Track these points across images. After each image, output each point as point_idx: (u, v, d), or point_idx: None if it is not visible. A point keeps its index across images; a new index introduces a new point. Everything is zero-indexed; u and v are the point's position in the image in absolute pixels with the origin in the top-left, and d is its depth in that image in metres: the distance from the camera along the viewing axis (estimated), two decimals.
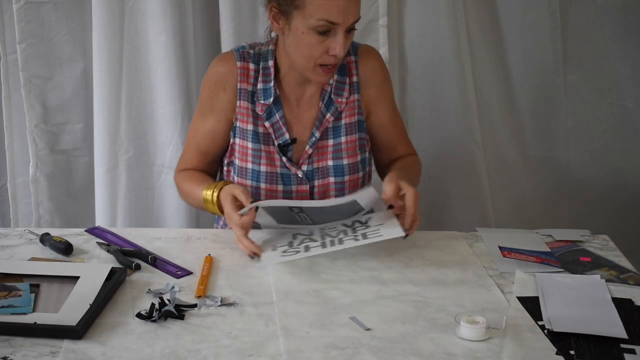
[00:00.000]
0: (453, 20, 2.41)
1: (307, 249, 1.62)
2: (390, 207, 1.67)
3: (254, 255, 1.63)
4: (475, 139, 2.52)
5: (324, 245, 1.61)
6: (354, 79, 1.85)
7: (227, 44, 2.35)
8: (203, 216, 2.49)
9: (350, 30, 1.72)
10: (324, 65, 1.73)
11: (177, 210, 2.46)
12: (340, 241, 1.61)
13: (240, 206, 1.66)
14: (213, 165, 1.93)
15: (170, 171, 2.43)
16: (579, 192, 2.66)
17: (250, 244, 1.63)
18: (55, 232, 1.72)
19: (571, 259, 1.67)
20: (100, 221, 2.43)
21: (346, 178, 1.85)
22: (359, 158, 1.87)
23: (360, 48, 1.88)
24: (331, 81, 1.84)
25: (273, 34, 1.85)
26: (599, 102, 2.58)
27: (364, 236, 1.60)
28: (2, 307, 1.37)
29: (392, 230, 1.60)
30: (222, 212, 1.73)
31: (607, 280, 1.57)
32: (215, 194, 1.74)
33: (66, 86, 2.41)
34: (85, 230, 1.78)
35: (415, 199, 1.64)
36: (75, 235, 1.74)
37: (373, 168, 1.98)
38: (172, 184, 2.42)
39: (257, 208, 1.66)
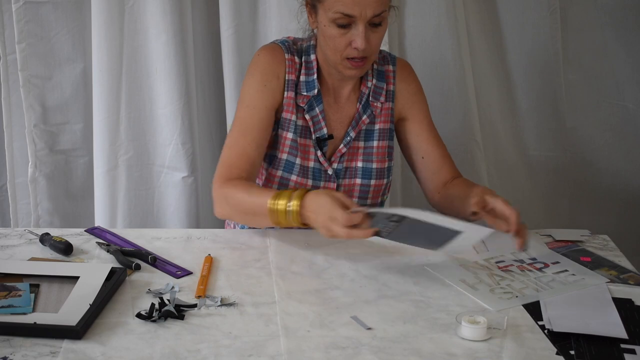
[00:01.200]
0: (453, 20, 2.41)
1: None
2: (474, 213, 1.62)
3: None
4: (475, 139, 2.52)
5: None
6: (391, 87, 1.88)
7: (227, 44, 2.35)
8: (203, 216, 2.49)
9: (376, 24, 1.72)
10: (351, 58, 1.73)
11: (177, 210, 2.46)
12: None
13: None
14: (258, 169, 1.81)
15: (170, 171, 2.43)
16: (579, 192, 2.66)
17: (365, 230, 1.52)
18: (55, 232, 1.71)
19: (571, 259, 1.67)
20: (100, 221, 2.42)
21: (372, 182, 1.86)
22: (386, 165, 1.88)
23: (398, 59, 1.92)
24: (369, 84, 1.86)
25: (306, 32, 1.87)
26: (599, 102, 2.58)
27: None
28: (2, 307, 1.37)
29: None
30: (300, 223, 1.62)
31: (607, 281, 1.57)
32: (296, 202, 1.60)
33: (65, 86, 2.41)
34: (85, 230, 1.78)
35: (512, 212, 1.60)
36: (75, 235, 1.74)
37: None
38: (172, 184, 2.43)
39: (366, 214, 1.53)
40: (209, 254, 1.64)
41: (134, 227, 2.43)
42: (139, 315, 1.39)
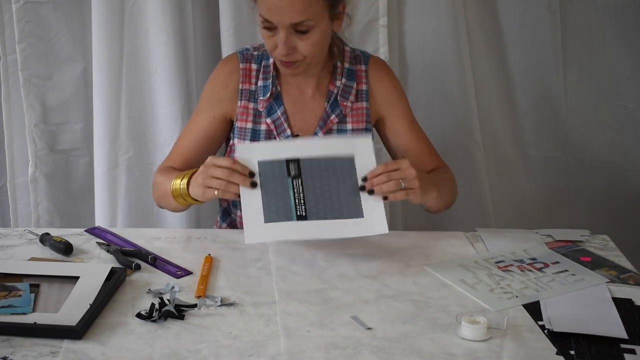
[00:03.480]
0: (453, 20, 2.41)
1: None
2: (371, 192, 1.62)
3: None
4: (475, 139, 2.52)
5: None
6: (363, 87, 1.86)
7: (227, 44, 2.35)
8: (203, 216, 2.49)
9: (303, 31, 1.68)
10: (280, 60, 1.74)
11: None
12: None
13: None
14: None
15: None
16: (579, 192, 2.66)
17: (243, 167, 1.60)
18: (55, 232, 1.71)
19: (571, 259, 1.67)
20: (100, 221, 2.43)
21: None
22: None
23: (371, 58, 1.89)
24: (338, 84, 1.84)
25: None
26: (599, 102, 2.58)
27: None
28: (2, 307, 1.37)
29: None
30: (191, 198, 1.70)
31: (607, 281, 1.57)
32: (188, 174, 1.70)
33: (66, 86, 2.41)
34: (85, 230, 1.78)
35: (394, 163, 1.63)
36: (75, 235, 1.74)
37: None
38: None
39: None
40: (209, 254, 1.64)
41: (134, 227, 2.43)
42: (139, 315, 1.39)
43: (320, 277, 1.57)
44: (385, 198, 1.63)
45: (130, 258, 1.61)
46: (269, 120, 1.82)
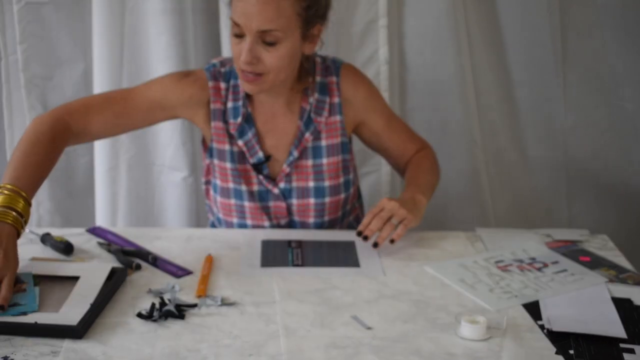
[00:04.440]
0: (453, 20, 2.41)
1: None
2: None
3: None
4: (475, 139, 2.52)
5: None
6: (335, 99, 1.81)
7: (227, 44, 2.35)
8: (203, 216, 2.49)
9: (271, 43, 1.63)
10: (243, 71, 1.67)
11: (177, 209, 2.46)
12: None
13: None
14: (105, 130, 1.75)
15: (171, 171, 2.43)
16: (579, 192, 2.66)
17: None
18: (55, 232, 1.72)
19: (570, 259, 1.67)
20: (101, 221, 2.43)
21: (327, 200, 1.83)
22: (341, 180, 1.84)
23: (342, 68, 1.83)
24: (311, 100, 1.80)
25: None
26: (598, 102, 2.58)
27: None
28: (9, 306, 1.37)
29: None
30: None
31: (606, 280, 1.57)
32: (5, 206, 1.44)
33: (66, 86, 2.41)
34: (86, 230, 1.78)
35: (376, 208, 1.68)
36: (76, 235, 1.74)
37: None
38: (173, 183, 2.44)
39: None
40: (210, 254, 1.65)
41: (135, 226, 2.43)
42: (139, 315, 1.39)
43: (320, 277, 1.58)
44: (391, 241, 1.66)
45: (130, 258, 1.61)
46: (240, 142, 1.79)
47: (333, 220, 1.87)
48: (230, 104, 1.79)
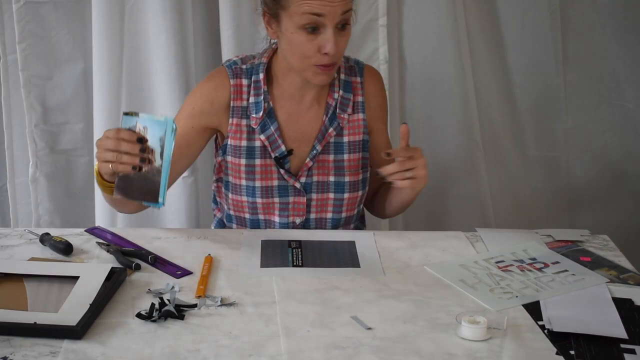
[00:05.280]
0: (453, 20, 2.41)
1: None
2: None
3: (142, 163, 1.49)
4: (475, 139, 2.52)
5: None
6: (359, 98, 1.85)
7: (227, 44, 2.34)
8: (203, 216, 2.49)
9: (343, 26, 1.69)
10: (320, 64, 1.70)
11: (177, 210, 2.46)
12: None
13: None
14: (173, 173, 1.78)
15: None
16: (579, 192, 2.66)
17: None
18: (55, 232, 1.71)
19: (571, 259, 1.67)
20: (101, 221, 2.43)
21: (346, 195, 1.84)
22: (360, 177, 1.86)
23: (365, 69, 1.88)
24: (336, 96, 1.83)
25: (266, 43, 1.85)
26: (599, 102, 2.59)
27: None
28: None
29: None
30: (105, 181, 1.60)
31: (607, 280, 1.57)
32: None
33: (66, 86, 2.41)
34: (85, 230, 1.78)
35: (416, 154, 1.69)
36: (75, 235, 1.74)
37: None
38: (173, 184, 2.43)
39: None
40: (209, 254, 1.64)
41: (134, 226, 2.43)
42: (139, 315, 1.39)
43: (320, 277, 1.57)
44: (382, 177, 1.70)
45: (130, 258, 1.61)
46: (262, 137, 1.80)
47: (349, 217, 1.88)
48: (252, 99, 1.80)
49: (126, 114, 1.51)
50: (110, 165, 1.51)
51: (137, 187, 1.53)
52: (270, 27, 1.74)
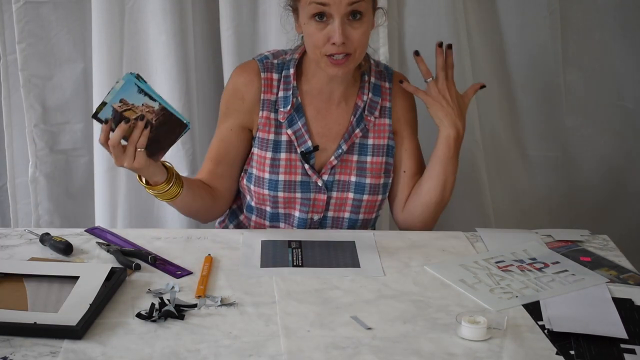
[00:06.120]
0: (453, 20, 2.41)
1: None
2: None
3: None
4: (475, 139, 2.52)
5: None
6: (387, 103, 1.87)
7: (227, 44, 2.34)
8: None
9: (356, 17, 1.70)
10: (331, 55, 1.71)
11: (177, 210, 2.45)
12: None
13: None
14: (224, 180, 1.88)
15: None
16: (579, 192, 2.66)
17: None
18: (55, 232, 1.71)
19: (571, 259, 1.67)
20: (100, 221, 2.42)
21: (365, 197, 1.85)
22: (382, 181, 1.87)
23: (395, 75, 1.91)
24: (365, 98, 1.85)
25: (298, 39, 1.87)
26: (599, 102, 2.58)
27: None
28: None
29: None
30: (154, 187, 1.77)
31: (607, 280, 1.57)
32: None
33: (66, 86, 2.41)
34: (85, 230, 1.78)
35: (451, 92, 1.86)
36: (75, 235, 1.74)
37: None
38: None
39: None
40: (209, 254, 1.64)
41: (134, 227, 2.43)
42: (139, 315, 1.39)
43: (320, 277, 1.57)
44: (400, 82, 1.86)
45: (130, 258, 1.61)
46: (289, 132, 1.82)
47: (366, 220, 1.89)
48: (281, 94, 1.83)
49: (96, 114, 1.62)
50: (132, 160, 1.67)
51: (162, 136, 1.66)
52: (297, 21, 1.79)
